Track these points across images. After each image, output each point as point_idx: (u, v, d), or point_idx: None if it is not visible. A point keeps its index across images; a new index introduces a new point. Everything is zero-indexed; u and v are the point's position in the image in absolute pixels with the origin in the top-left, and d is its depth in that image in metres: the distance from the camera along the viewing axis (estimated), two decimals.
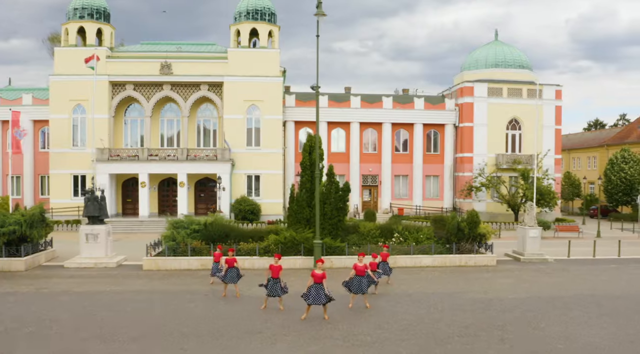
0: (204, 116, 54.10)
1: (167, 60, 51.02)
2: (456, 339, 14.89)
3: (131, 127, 53.92)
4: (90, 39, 51.95)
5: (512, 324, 16.56)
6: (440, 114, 56.63)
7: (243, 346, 14.43)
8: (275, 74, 51.31)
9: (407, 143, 57.44)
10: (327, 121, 55.91)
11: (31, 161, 54.63)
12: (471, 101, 55.20)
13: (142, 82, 51.43)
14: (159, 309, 18.74)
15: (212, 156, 49.47)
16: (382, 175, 56.80)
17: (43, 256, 30.52)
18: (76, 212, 49.20)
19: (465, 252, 29.87)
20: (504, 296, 20.88)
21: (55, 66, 50.80)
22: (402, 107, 56.38)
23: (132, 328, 16.18)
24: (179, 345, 14.50)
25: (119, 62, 51.16)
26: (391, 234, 30.73)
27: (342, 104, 56.12)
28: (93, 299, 20.45)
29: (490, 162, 54.98)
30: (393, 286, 23.04)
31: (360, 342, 14.57)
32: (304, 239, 28.62)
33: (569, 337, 15.22)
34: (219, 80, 51.23)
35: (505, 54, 57.27)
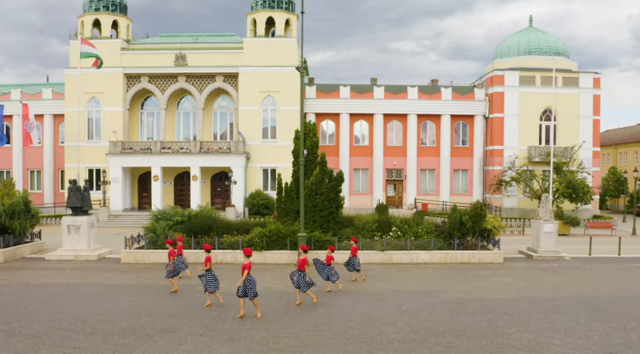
0: (220, 108, 52.61)
1: (182, 52, 49.72)
2: (395, 345, 12.57)
3: (147, 120, 52.86)
4: (106, 31, 51.09)
5: (474, 329, 14.10)
6: (469, 105, 53.55)
7: (146, 346, 12.56)
8: (292, 64, 49.24)
9: (434, 135, 54.55)
10: (349, 113, 53.64)
11: (51, 155, 54.23)
12: (501, 90, 51.98)
13: (157, 74, 50.28)
14: (95, 303, 17.11)
15: (226, 149, 47.85)
16: (407, 169, 54.14)
17: (28, 248, 29.35)
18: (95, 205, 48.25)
19: (469, 248, 27.23)
20: (489, 297, 18.35)
21: (70, 59, 50.08)
22: (428, 98, 53.56)
23: (47, 322, 14.73)
24: (76, 343, 12.76)
25: (134, 54, 50.14)
26: (389, 227, 28.31)
27: (364, 95, 53.69)
28: (41, 291, 19.16)
29: (522, 155, 51.65)
30: (364, 282, 21.02)
31: (280, 346, 12.42)
32: (290, 233, 26.52)
33: (533, 347, 12.70)
34: (234, 71, 49.63)
35: (539, 40, 53.78)
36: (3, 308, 16.52)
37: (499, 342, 12.98)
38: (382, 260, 26.37)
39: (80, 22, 51.31)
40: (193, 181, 47.91)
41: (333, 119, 54.17)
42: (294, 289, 18.15)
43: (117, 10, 51.59)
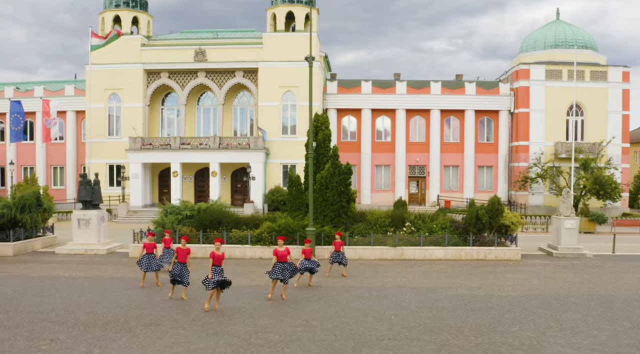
0: (241, 104, 52.23)
1: (202, 47, 49.43)
2: (384, 342, 11.87)
3: (167, 116, 52.75)
4: (126, 27, 51.07)
5: (473, 327, 13.31)
6: (494, 100, 52.27)
7: (124, 339, 12.10)
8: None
9: (457, 131, 53.41)
10: (370, 108, 52.79)
11: (74, 152, 54.45)
12: (527, 84, 50.61)
13: (177, 70, 50.09)
14: (89, 295, 16.80)
15: (245, 145, 47.39)
16: (430, 165, 53.07)
17: (39, 242, 29.30)
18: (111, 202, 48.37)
19: (485, 244, 26.30)
20: (497, 294, 17.50)
21: (91, 55, 50.11)
22: (451, 93, 52.44)
23: (33, 314, 14.47)
24: (54, 335, 12.38)
25: (154, 50, 50.03)
26: (402, 223, 27.48)
27: (386, 90, 52.79)
28: (39, 283, 18.98)
29: (548, 151, 50.25)
30: (343, 278, 20.33)
31: (262, 342, 11.81)
32: (299, 227, 25.91)
33: (533, 346, 11.88)
34: (254, 66, 49.16)
35: (566, 33, 52.28)
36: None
37: (496, 340, 12.19)
38: (394, 256, 25.64)
39: (101, 19, 51.40)
40: (212, 176, 47.56)
41: (355, 115, 53.41)
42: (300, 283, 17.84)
43: (137, 7, 51.57)
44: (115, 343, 11.78)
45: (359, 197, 51.96)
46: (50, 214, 30.86)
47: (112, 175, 50.26)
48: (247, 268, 22.00)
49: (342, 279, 19.82)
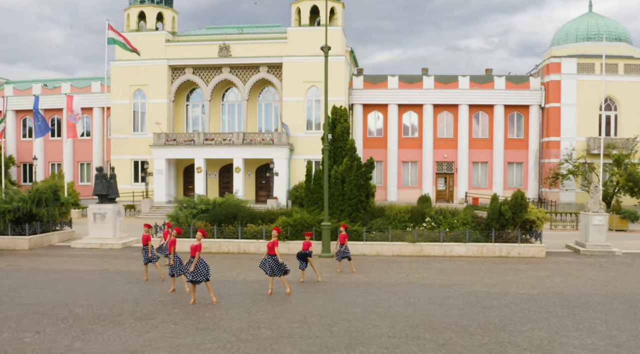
0: (265, 100, 51.82)
1: (226, 42, 49.16)
2: (382, 340, 11.13)
3: (192, 112, 52.60)
4: (151, 23, 51.07)
5: (481, 325, 12.49)
6: (524, 94, 50.90)
7: (110, 333, 11.63)
8: (337, 53, 47.89)
9: (486, 127, 52.15)
10: (397, 104, 51.91)
11: (100, 148, 54.70)
12: (558, 78, 49.15)
13: (201, 66, 49.90)
14: (90, 288, 16.42)
15: (269, 140, 46.95)
16: (458, 162, 51.98)
17: (57, 236, 29.19)
18: (135, 198, 48.41)
19: (508, 241, 25.30)
20: (513, 291, 16.58)
21: (116, 52, 50.24)
22: (480, 87, 51.23)
23: (27, 306, 14.08)
24: (40, 327, 12.01)
25: (178, 46, 49.92)
26: (422, 218, 26.60)
27: (413, 85, 51.84)
28: (44, 276, 18.68)
29: (580, 147, 48.73)
30: (354, 272, 19.62)
31: (252, 337, 11.19)
32: (315, 222, 25.26)
33: (543, 347, 11.01)
34: (278, 61, 48.70)
35: (598, 25, 50.60)
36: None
37: (504, 340, 11.36)
38: (413, 252, 24.82)
39: (126, 15, 51.45)
40: (236, 172, 47.25)
41: (381, 111, 52.60)
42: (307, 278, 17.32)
43: (162, 3, 51.52)
44: (100, 336, 11.29)
45: (385, 194, 51.14)
46: (69, 209, 30.68)
47: (136, 171, 50.31)
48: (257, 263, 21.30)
49: (354, 275, 19.11)
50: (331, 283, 17.61)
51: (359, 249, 24.95)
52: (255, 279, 17.78)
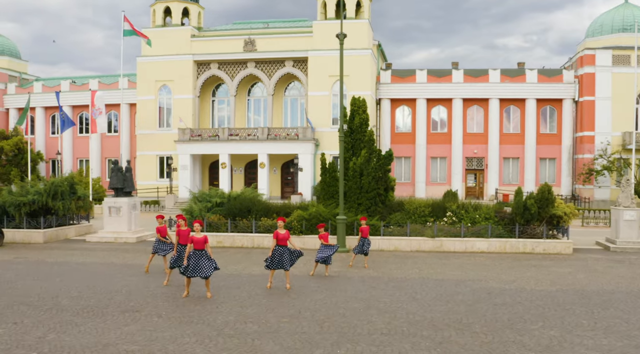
0: (291, 95, 51.22)
1: (251, 37, 48.67)
2: (373, 337, 10.32)
3: (218, 107, 52.27)
4: (177, 18, 50.88)
5: (487, 323, 11.58)
6: (557, 88, 49.26)
7: (89, 324, 11.10)
8: (363, 47, 47.11)
9: (517, 121, 50.65)
10: (425, 98, 50.76)
11: (127, 144, 54.69)
12: (592, 71, 47.45)
13: (226, 61, 49.51)
14: (87, 281, 15.94)
15: (294, 136, 46.30)
16: (488, 158, 50.61)
17: (73, 230, 28.97)
18: (160, 194, 48.29)
19: (534, 236, 24.16)
20: (530, 288, 15.56)
21: (142, 47, 50.21)
22: (511, 81, 49.76)
23: (16, 297, 13.64)
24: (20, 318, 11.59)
25: (203, 41, 49.64)
26: (444, 212, 25.61)
27: (442, 79, 50.63)
28: (46, 269, 18.29)
29: (615, 142, 46.97)
30: (366, 267, 18.84)
31: (235, 332, 10.49)
32: (331, 216, 24.49)
33: (552, 347, 10.06)
34: (304, 56, 48.03)
35: (635, 16, 48.63)
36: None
37: (508, 339, 10.43)
38: (432, 248, 23.88)
39: (152, 11, 51.37)
40: (260, 168, 46.75)
41: (409, 105, 51.52)
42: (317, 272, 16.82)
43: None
44: (77, 328, 10.74)
45: (413, 191, 50.08)
46: (87, 202, 30.41)
47: (162, 167, 50.18)
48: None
49: (364, 270, 18.31)
50: (338, 277, 16.84)
51: (376, 244, 24.09)
52: (259, 273, 17.11)
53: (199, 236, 13.31)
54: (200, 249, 13.23)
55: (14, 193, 27.28)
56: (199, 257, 13.21)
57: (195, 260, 13.17)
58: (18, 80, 57.96)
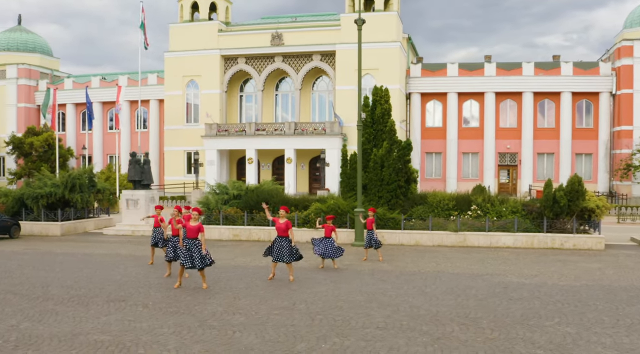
0: (319, 89, 50.46)
1: (278, 31, 48.05)
2: (367, 331, 9.50)
3: (246, 102, 51.80)
4: (204, 13, 50.57)
5: (496, 318, 10.64)
6: (593, 81, 47.45)
7: (70, 314, 10.66)
8: (392, 40, 46.09)
9: (552, 116, 48.99)
10: (457, 92, 49.45)
11: (156, 139, 54.69)
12: (630, 63, 45.58)
13: (253, 55, 48.98)
14: (86, 271, 15.59)
15: (321, 130, 45.52)
16: (522, 153, 49.06)
17: (92, 223, 28.75)
18: (186, 189, 48.07)
19: (564, 231, 22.96)
20: (552, 282, 14.52)
21: (170, 43, 50.08)
22: (545, 74, 48.13)
23: (6, 286, 13.31)
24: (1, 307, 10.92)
25: (231, 36, 49.21)
26: (468, 206, 24.55)
27: (474, 73, 49.26)
28: (50, 259, 18.09)
29: None
30: (381, 260, 17.97)
31: (219, 324, 9.81)
32: (349, 208, 23.68)
33: (564, 345, 9.09)
34: (331, 49, 47.21)
35: None
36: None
37: (517, 336, 9.48)
38: (455, 242, 22.88)
39: (180, 6, 51.13)
40: (287, 163, 46.10)
41: (440, 99, 50.28)
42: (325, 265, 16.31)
43: None
44: (55, 317, 10.24)
45: (444, 187, 48.80)
46: (106, 196, 30.11)
47: (189, 162, 49.91)
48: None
49: (378, 263, 17.47)
50: (347, 270, 16.05)
51: (397, 238, 23.25)
52: (266, 265, 16.42)
53: (193, 224, 12.66)
54: (192, 238, 12.58)
55: (32, 185, 27.13)
56: (191, 246, 12.57)
57: (187, 249, 12.56)
58: (50, 77, 58.45)
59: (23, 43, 58.34)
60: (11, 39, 58.17)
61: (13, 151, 51.43)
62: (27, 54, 58.00)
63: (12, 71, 55.94)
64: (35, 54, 58.50)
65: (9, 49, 57.65)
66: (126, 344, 8.58)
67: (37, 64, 58.01)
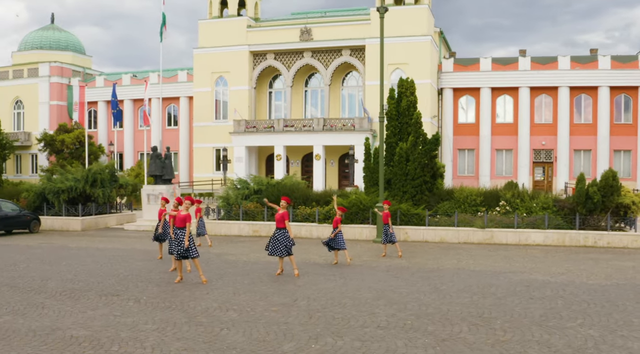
0: (349, 85, 49.66)
1: (307, 26, 47.41)
2: (365, 330, 8.76)
3: (275, 99, 51.31)
4: (233, 9, 50.16)
5: (513, 319, 9.78)
6: (632, 74, 45.59)
7: (56, 307, 10.29)
8: (422, 34, 45.04)
9: (589, 111, 47.30)
10: (490, 87, 48.09)
11: (187, 136, 54.47)
12: None
13: (282, 51, 48.42)
14: (90, 265, 15.31)
15: (350, 126, 44.76)
16: (557, 149, 47.47)
17: (114, 218, 28.54)
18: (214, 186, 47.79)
19: (598, 228, 21.84)
20: (580, 281, 13.54)
21: (199, 39, 49.88)
22: (582, 68, 46.46)
23: (4, 279, 13.01)
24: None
25: (259, 31, 48.74)
26: (497, 202, 23.56)
27: (508, 67, 47.87)
28: (60, 253, 17.96)
29: None
30: (400, 257, 17.16)
31: (207, 320, 9.21)
32: (372, 204, 22.91)
33: (584, 349, 8.22)
34: (361, 44, 46.34)
35: None
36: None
37: (531, 338, 8.63)
38: (482, 239, 21.95)
39: (209, 2, 50.87)
40: (315, 160, 45.47)
41: (472, 95, 48.98)
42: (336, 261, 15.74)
43: None
44: (39, 311, 9.81)
45: (477, 184, 47.48)
46: (128, 191, 29.87)
47: (218, 159, 49.61)
48: (301, 246, 19.28)
49: (396, 260, 16.68)
50: (362, 266, 15.33)
51: (421, 235, 22.42)
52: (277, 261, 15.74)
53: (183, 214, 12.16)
54: (180, 227, 12.08)
55: (53, 180, 27.00)
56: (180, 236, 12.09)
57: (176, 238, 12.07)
58: (82, 75, 58.77)
59: (56, 41, 58.85)
60: (44, 38, 58.72)
61: (45, 148, 51.80)
62: (59, 52, 58.46)
63: (44, 69, 56.42)
64: (67, 52, 58.93)
65: (42, 47, 58.19)
66: (101, 340, 8.01)
67: (69, 62, 58.40)
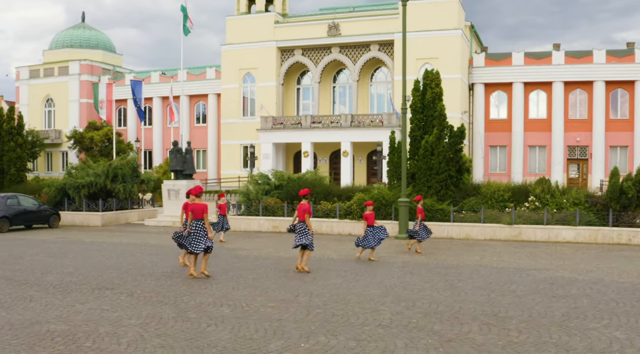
0: (378, 80, 48.86)
1: (335, 21, 46.74)
2: (364, 329, 8.06)
3: (302, 95, 50.77)
4: (260, 5, 49.75)
5: (532, 319, 8.97)
6: None
7: (44, 300, 9.89)
8: (452, 27, 44.01)
9: (626, 106, 45.67)
10: (523, 82, 46.78)
11: (215, 134, 54.28)
12: None
13: (310, 46, 47.82)
14: (97, 259, 14.98)
15: (378, 122, 43.93)
16: (593, 146, 45.94)
17: (136, 214, 28.28)
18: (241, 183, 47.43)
19: (633, 225, 20.74)
20: (610, 279, 12.61)
21: (226, 36, 49.62)
22: (618, 61, 44.85)
23: (7, 272, 12.69)
24: None
25: (287, 27, 48.25)
26: (525, 197, 22.57)
27: (541, 61, 46.48)
28: (71, 247, 17.61)
29: None
30: (416, 254, 16.45)
31: (197, 315, 8.63)
32: (394, 199, 22.15)
33: (609, 352, 7.40)
34: (389, 39, 45.51)
35: None
36: (9, 257, 14.84)
37: (549, 340, 7.82)
38: (509, 236, 21.02)
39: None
40: (343, 157, 44.76)
41: (505, 90, 47.72)
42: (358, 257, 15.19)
43: None
44: (25, 304, 9.41)
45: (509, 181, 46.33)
46: (150, 186, 29.57)
47: (245, 156, 49.27)
48: (321, 242, 18.61)
49: (416, 256, 15.94)
50: (378, 261, 14.67)
51: (445, 231, 21.59)
52: (290, 256, 15.22)
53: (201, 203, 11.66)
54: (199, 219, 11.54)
55: (74, 175, 26.82)
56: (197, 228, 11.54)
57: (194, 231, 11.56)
58: (112, 73, 59.04)
59: (86, 40, 59.22)
60: (74, 36, 59.12)
61: (74, 145, 52.11)
62: (89, 50, 58.81)
63: (74, 67, 56.81)
64: (97, 50, 59.26)
65: (72, 45, 58.60)
66: (77, 335, 7.49)
67: (99, 60, 58.72)
